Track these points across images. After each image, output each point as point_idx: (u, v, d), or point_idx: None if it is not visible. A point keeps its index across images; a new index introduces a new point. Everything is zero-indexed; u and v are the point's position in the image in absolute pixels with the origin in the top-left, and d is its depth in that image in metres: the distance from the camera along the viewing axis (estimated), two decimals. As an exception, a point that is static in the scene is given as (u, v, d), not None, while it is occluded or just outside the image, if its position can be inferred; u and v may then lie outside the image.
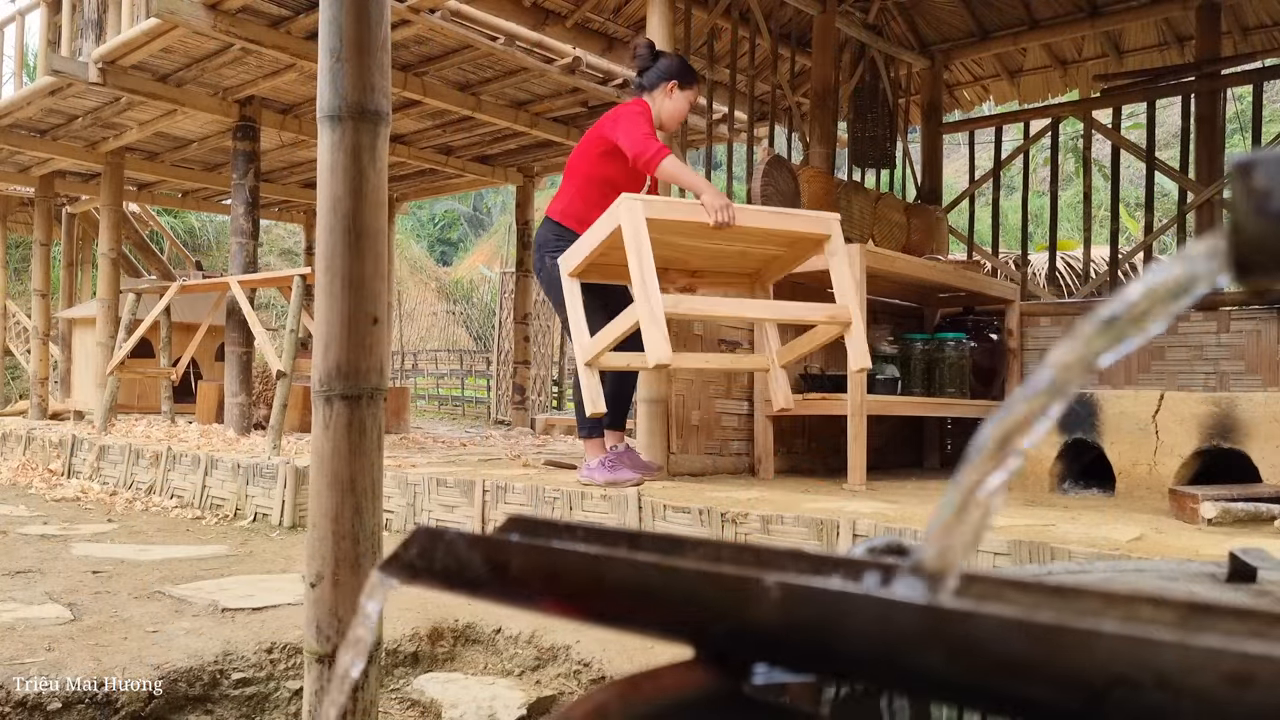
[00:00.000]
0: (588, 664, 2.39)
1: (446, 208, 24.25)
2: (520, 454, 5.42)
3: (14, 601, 2.68)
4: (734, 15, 5.31)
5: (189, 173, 8.58)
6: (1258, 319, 4.77)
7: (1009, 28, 6.07)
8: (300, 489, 4.23)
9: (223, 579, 3.10)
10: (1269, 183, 0.29)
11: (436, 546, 0.43)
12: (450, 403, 14.21)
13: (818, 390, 4.44)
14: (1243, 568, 0.65)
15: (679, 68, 3.66)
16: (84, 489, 5.38)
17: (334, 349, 1.62)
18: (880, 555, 0.49)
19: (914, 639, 0.32)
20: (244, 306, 5.58)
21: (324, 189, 1.63)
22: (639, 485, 3.40)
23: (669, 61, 3.68)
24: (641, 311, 3.04)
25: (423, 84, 6.39)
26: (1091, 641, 0.29)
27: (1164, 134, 11.43)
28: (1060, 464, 3.96)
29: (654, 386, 4.05)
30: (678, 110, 3.68)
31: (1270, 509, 2.82)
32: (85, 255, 10.46)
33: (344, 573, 1.59)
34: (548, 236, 3.73)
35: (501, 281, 12.42)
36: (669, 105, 3.66)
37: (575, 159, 3.74)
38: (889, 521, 2.73)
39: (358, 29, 1.61)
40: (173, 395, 6.98)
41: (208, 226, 16.58)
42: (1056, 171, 5.93)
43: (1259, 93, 5.40)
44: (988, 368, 5.20)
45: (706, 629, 0.38)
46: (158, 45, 5.49)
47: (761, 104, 6.26)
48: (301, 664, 2.28)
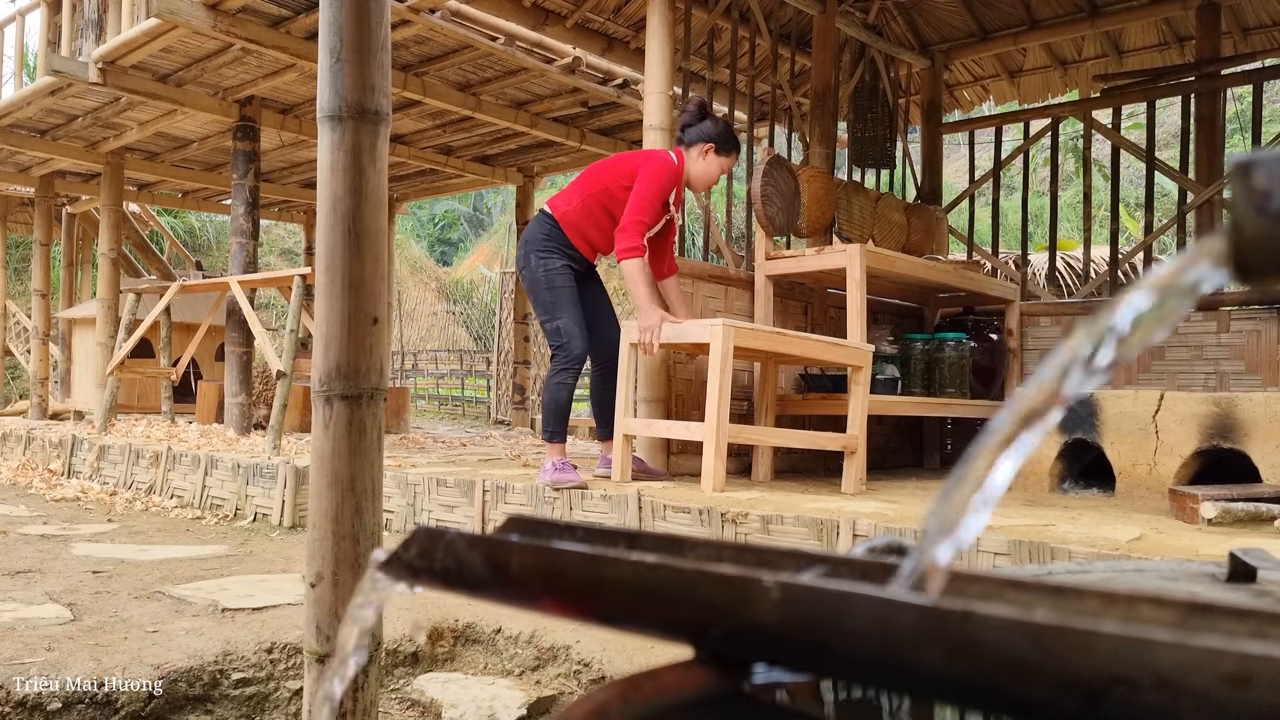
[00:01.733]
0: (588, 664, 2.39)
1: (446, 208, 24.24)
2: (520, 454, 5.42)
3: (14, 601, 2.68)
4: (734, 15, 5.31)
5: (189, 173, 8.58)
6: (1258, 319, 4.77)
7: (1009, 28, 6.07)
8: (300, 489, 4.23)
9: (223, 579, 3.10)
10: (1269, 183, 0.29)
11: (436, 546, 0.43)
12: (450, 403, 14.21)
13: (818, 390, 4.45)
14: (1243, 568, 0.65)
15: (721, 133, 3.70)
16: (84, 489, 5.38)
17: (334, 349, 1.62)
18: (880, 555, 0.49)
19: (914, 639, 0.32)
20: (244, 306, 5.58)
21: (324, 189, 1.64)
22: (583, 487, 3.43)
23: (712, 125, 3.71)
24: (707, 436, 3.39)
25: (423, 84, 6.39)
26: (1091, 641, 0.29)
27: (1164, 134, 11.44)
28: (1060, 464, 3.96)
29: (654, 387, 4.05)
30: (709, 174, 3.72)
31: (1270, 509, 2.82)
32: (85, 255, 10.46)
33: (344, 573, 1.59)
34: (538, 234, 3.70)
35: (501, 281, 12.42)
36: (700, 166, 3.70)
37: (600, 172, 3.73)
38: (889, 521, 2.73)
39: (358, 29, 1.61)
40: (173, 395, 6.98)
41: (208, 226, 16.58)
42: (1056, 171, 5.92)
43: (1259, 93, 5.40)
44: (988, 368, 5.20)
45: (706, 629, 0.38)
46: (158, 45, 5.49)
47: (761, 104, 6.26)
48: (301, 664, 2.28)
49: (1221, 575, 0.68)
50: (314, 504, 1.63)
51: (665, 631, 0.39)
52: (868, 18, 5.80)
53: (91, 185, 8.83)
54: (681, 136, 3.72)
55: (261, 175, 7.12)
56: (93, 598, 2.77)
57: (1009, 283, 5.39)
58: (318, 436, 1.63)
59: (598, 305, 3.83)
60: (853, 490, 3.73)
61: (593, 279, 3.84)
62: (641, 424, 3.80)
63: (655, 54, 4.13)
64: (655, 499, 3.22)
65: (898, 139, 6.17)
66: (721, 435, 3.38)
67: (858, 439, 3.82)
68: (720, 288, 4.50)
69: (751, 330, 3.57)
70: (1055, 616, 0.30)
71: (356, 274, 1.62)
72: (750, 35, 5.56)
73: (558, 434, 3.61)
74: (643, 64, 4.31)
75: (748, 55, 5.77)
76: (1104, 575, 0.73)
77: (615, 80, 6.58)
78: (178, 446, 5.24)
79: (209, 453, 4.92)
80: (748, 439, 3.76)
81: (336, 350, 1.62)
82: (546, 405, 3.64)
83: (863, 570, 0.40)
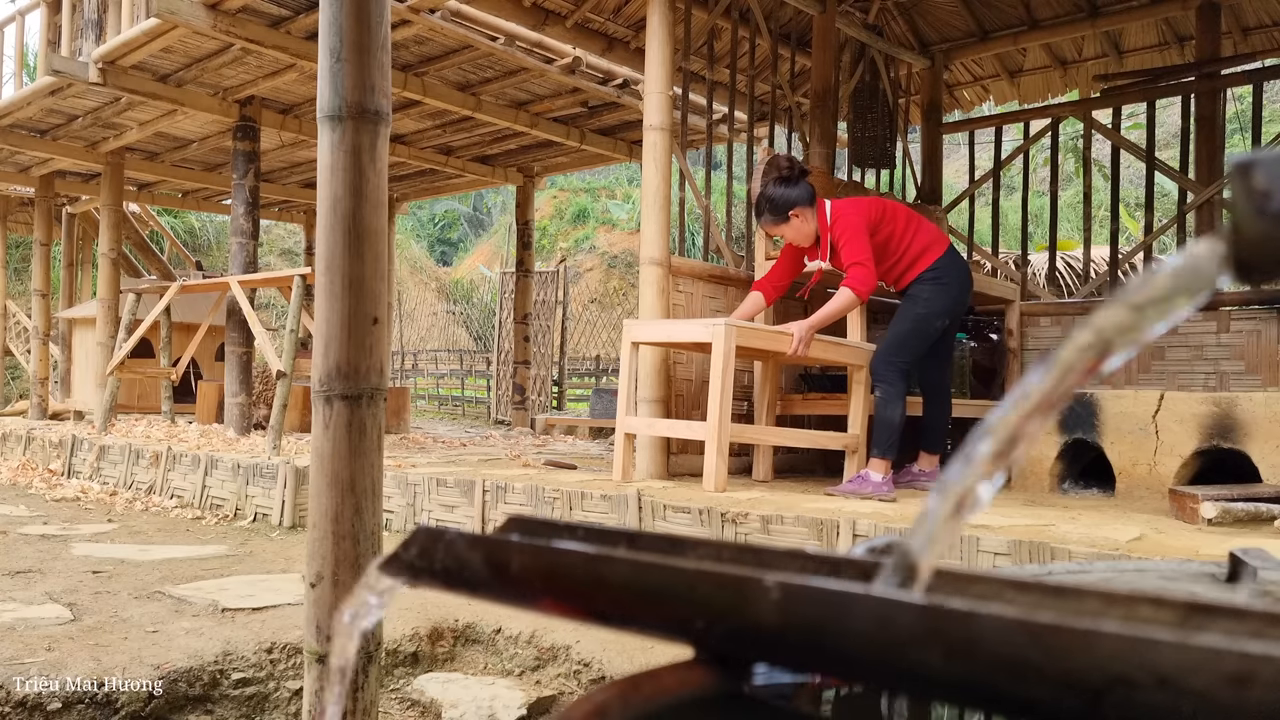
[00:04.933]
0: (588, 664, 2.39)
1: (446, 208, 24.24)
2: (520, 454, 5.42)
3: (14, 601, 2.68)
4: (734, 15, 5.31)
5: (189, 173, 8.58)
6: (1258, 319, 4.77)
7: (1009, 28, 6.07)
8: (300, 489, 4.23)
9: (223, 579, 3.10)
10: (1269, 183, 0.29)
11: (436, 546, 0.43)
12: (450, 403, 14.20)
13: (818, 390, 4.45)
14: (1243, 568, 0.65)
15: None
16: (84, 489, 5.38)
17: (334, 349, 1.62)
18: (880, 555, 0.49)
19: (914, 639, 0.32)
20: (244, 306, 5.58)
21: (324, 189, 1.63)
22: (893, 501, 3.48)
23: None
24: (709, 436, 3.41)
25: (423, 84, 6.39)
26: (1092, 641, 0.29)
27: (1164, 134, 11.43)
28: (1060, 464, 3.96)
29: (654, 387, 4.05)
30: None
31: (1270, 509, 2.82)
32: (85, 255, 10.45)
33: (344, 573, 1.59)
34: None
35: (501, 281, 12.41)
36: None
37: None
38: (889, 521, 2.73)
39: (358, 29, 1.61)
40: (173, 395, 6.97)
41: (208, 226, 16.58)
42: (1056, 171, 5.92)
43: (1259, 93, 5.40)
44: (988, 367, 5.20)
45: (706, 629, 0.38)
46: (158, 45, 5.49)
47: (761, 104, 6.26)
48: (301, 664, 2.28)
49: (1221, 575, 0.68)
50: (314, 504, 1.63)
51: (665, 631, 0.39)
52: (868, 18, 5.80)
53: (91, 185, 8.83)
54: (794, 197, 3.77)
55: (261, 175, 7.12)
56: (93, 598, 2.77)
57: (1009, 283, 5.38)
58: (318, 436, 1.63)
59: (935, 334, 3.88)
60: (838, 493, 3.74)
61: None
62: (643, 423, 3.81)
63: (655, 54, 4.13)
64: (655, 499, 3.22)
65: (898, 139, 6.17)
66: (724, 435, 3.38)
67: (859, 438, 3.83)
68: (720, 288, 4.50)
69: (753, 330, 3.58)
70: (1055, 616, 0.30)
71: (356, 274, 1.62)
72: (750, 35, 5.56)
73: (890, 450, 3.64)
74: (643, 64, 4.31)
75: (748, 55, 5.77)
76: (1104, 575, 0.73)
77: (615, 80, 6.58)
78: (178, 446, 5.24)
79: (209, 453, 4.92)
80: (750, 438, 3.77)
81: (336, 350, 1.62)
82: (883, 421, 3.71)
83: (863, 570, 0.40)
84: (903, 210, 3.88)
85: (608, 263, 19.68)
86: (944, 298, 3.75)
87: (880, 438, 3.62)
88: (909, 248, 3.78)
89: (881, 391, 3.69)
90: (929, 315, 3.73)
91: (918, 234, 3.79)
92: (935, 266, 3.76)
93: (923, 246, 3.78)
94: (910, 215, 3.86)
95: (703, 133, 6.13)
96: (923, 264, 3.76)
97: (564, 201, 21.20)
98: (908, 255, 3.78)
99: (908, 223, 3.81)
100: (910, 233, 3.79)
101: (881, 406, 3.66)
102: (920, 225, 3.83)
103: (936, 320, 3.75)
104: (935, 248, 3.79)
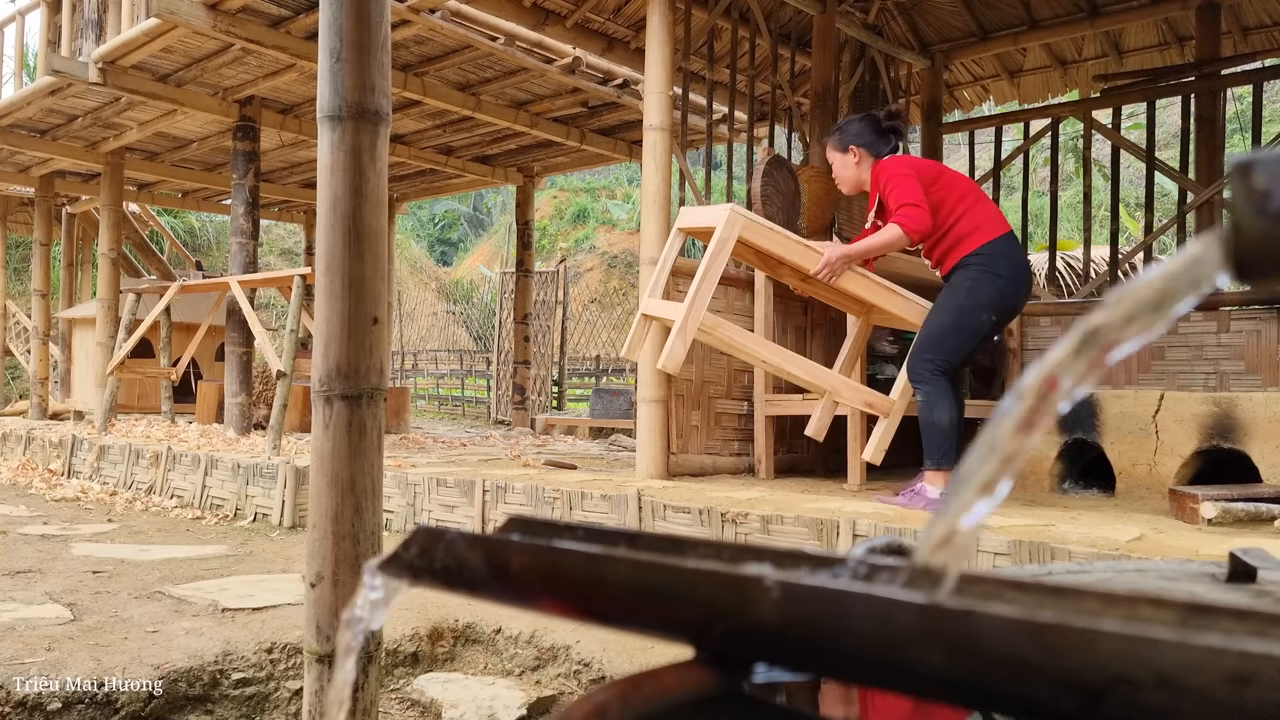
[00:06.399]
0: (588, 664, 2.39)
1: (446, 208, 24.24)
2: (520, 454, 5.42)
3: (14, 601, 2.68)
4: (734, 15, 5.31)
5: (189, 173, 8.58)
6: (1258, 319, 4.77)
7: (1009, 28, 6.07)
8: (300, 489, 4.23)
9: (223, 579, 3.10)
10: (1269, 183, 0.29)
11: (437, 546, 0.43)
12: (450, 403, 14.20)
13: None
14: (1243, 568, 0.65)
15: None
16: (84, 489, 5.38)
17: (334, 349, 1.62)
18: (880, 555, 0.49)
19: (914, 639, 0.32)
20: (244, 306, 5.58)
21: (324, 189, 1.63)
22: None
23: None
24: (679, 316, 3.21)
25: (423, 84, 6.39)
26: (1092, 640, 0.29)
27: (1164, 134, 11.43)
28: (1060, 464, 3.96)
29: (654, 387, 4.05)
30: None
31: (1270, 509, 2.82)
32: (85, 255, 10.45)
33: (344, 573, 1.59)
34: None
35: (501, 281, 12.41)
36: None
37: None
38: (889, 521, 2.73)
39: (358, 29, 1.61)
40: (173, 395, 6.98)
41: (208, 226, 16.58)
42: (1056, 171, 5.92)
43: (1259, 93, 5.40)
44: (987, 367, 5.20)
45: (706, 629, 0.38)
46: (158, 45, 5.49)
47: (761, 104, 6.26)
48: (301, 664, 2.28)
49: (1222, 575, 0.68)
50: (314, 504, 1.63)
51: (665, 631, 0.39)
52: (868, 18, 5.80)
53: (91, 185, 8.83)
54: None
55: (261, 175, 7.12)
56: (93, 598, 2.77)
57: (1009, 283, 5.38)
58: (318, 436, 1.63)
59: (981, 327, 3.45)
60: (874, 457, 3.64)
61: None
62: (654, 304, 3.64)
63: (655, 54, 4.13)
64: (655, 499, 3.22)
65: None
66: (692, 318, 3.20)
67: (894, 404, 3.60)
68: (720, 287, 4.49)
69: (771, 231, 3.35)
70: (1055, 615, 0.30)
71: (356, 274, 1.62)
72: (750, 35, 5.56)
73: (950, 459, 3.26)
74: (643, 64, 4.31)
75: (748, 55, 5.77)
76: (1104, 575, 0.73)
77: (615, 80, 6.58)
78: (178, 446, 5.24)
79: (209, 453, 4.92)
80: (722, 338, 3.44)
81: (336, 350, 1.62)
82: (940, 424, 3.31)
83: (863, 570, 0.40)
84: (962, 181, 3.48)
85: (608, 263, 19.69)
86: (990, 288, 3.27)
87: (930, 445, 3.25)
88: (957, 222, 3.35)
89: (922, 394, 3.30)
90: (972, 307, 3.27)
91: (971, 210, 3.36)
92: (983, 251, 3.30)
93: (974, 225, 3.33)
94: (970, 189, 3.45)
95: (703, 133, 6.13)
96: (970, 245, 3.32)
97: (564, 201, 21.21)
98: (955, 231, 3.35)
99: (963, 195, 3.39)
100: (964, 206, 3.36)
101: (925, 410, 3.28)
102: (977, 202, 3.39)
103: (982, 314, 3.28)
104: (988, 229, 3.34)
